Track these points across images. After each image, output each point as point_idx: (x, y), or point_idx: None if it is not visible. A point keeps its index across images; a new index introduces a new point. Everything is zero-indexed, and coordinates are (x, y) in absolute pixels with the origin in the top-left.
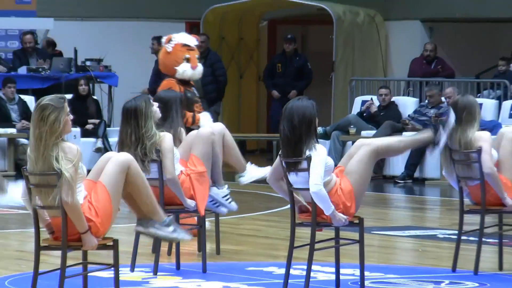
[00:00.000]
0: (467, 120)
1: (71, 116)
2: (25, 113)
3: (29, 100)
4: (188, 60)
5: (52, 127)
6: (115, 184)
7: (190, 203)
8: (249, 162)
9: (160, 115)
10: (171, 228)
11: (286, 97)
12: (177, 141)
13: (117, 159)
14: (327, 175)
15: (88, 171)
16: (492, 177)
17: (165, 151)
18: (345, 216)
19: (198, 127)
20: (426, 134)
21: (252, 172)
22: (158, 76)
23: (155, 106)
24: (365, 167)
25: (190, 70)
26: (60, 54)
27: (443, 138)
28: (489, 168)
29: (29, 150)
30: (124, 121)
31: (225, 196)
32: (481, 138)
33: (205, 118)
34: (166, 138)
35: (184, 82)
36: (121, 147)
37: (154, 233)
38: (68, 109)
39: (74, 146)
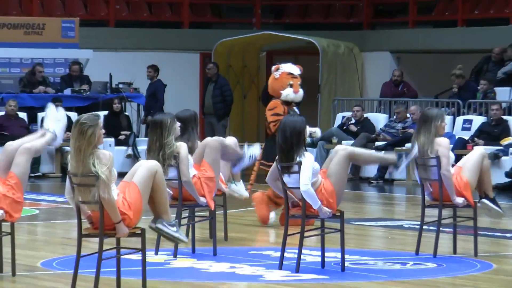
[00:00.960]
0: (427, 128)
1: (103, 130)
2: (69, 126)
3: (73, 115)
4: (291, 85)
5: (89, 140)
6: (145, 185)
7: (202, 200)
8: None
9: (179, 133)
10: (174, 229)
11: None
12: (193, 151)
13: (147, 165)
14: (314, 176)
15: (122, 173)
16: (446, 178)
17: (182, 158)
18: (329, 210)
19: None
20: (391, 157)
21: (240, 188)
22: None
23: (177, 125)
24: (341, 168)
25: (293, 94)
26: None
27: (403, 164)
28: (445, 171)
29: (70, 157)
30: (151, 130)
31: None
32: (440, 143)
33: None
34: (182, 147)
35: (287, 103)
36: (148, 151)
37: (160, 229)
38: (101, 124)
39: (107, 152)
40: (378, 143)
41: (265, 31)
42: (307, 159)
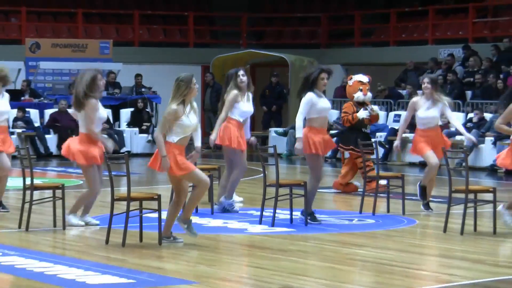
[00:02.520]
0: None
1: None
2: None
3: (108, 111)
4: (361, 90)
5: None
6: (196, 176)
7: None
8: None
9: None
10: (191, 227)
11: (270, 110)
12: None
13: (206, 179)
14: None
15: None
16: None
17: None
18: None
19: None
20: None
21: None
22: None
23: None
24: None
25: (362, 96)
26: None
27: None
28: None
29: None
30: None
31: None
32: None
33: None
34: None
35: (360, 103)
36: None
37: (185, 228)
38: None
39: (172, 108)
40: (332, 132)
41: (249, 50)
42: None
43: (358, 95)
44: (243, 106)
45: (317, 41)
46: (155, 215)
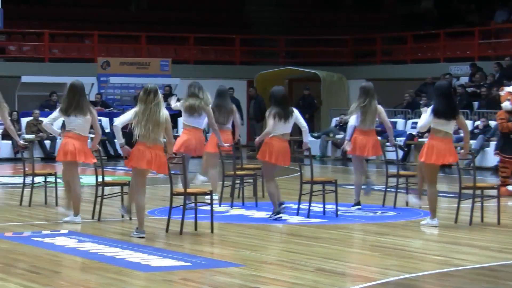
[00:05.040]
0: None
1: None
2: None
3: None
4: (509, 100)
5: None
6: None
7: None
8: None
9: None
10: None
11: (304, 117)
12: None
13: None
14: None
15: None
16: None
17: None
18: None
19: None
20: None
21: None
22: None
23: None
24: None
25: (510, 105)
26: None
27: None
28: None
29: None
30: None
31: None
32: None
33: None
34: None
35: (509, 112)
36: None
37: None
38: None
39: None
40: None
41: (287, 67)
42: None
43: (506, 104)
44: None
45: (344, 59)
46: (207, 207)
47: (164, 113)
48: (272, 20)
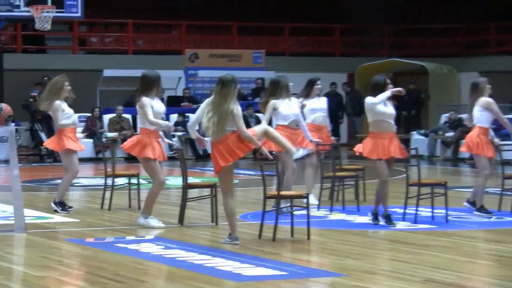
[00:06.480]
0: None
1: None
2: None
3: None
4: None
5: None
6: None
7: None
8: None
9: None
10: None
11: (410, 114)
12: None
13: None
14: None
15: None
16: None
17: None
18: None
19: None
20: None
21: None
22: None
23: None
24: None
25: None
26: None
27: None
28: None
29: None
30: None
31: None
32: None
33: None
34: None
35: None
36: None
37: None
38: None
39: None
40: None
41: (392, 59)
42: None
43: None
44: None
45: (456, 50)
46: (304, 212)
47: (230, 105)
48: (375, 8)
